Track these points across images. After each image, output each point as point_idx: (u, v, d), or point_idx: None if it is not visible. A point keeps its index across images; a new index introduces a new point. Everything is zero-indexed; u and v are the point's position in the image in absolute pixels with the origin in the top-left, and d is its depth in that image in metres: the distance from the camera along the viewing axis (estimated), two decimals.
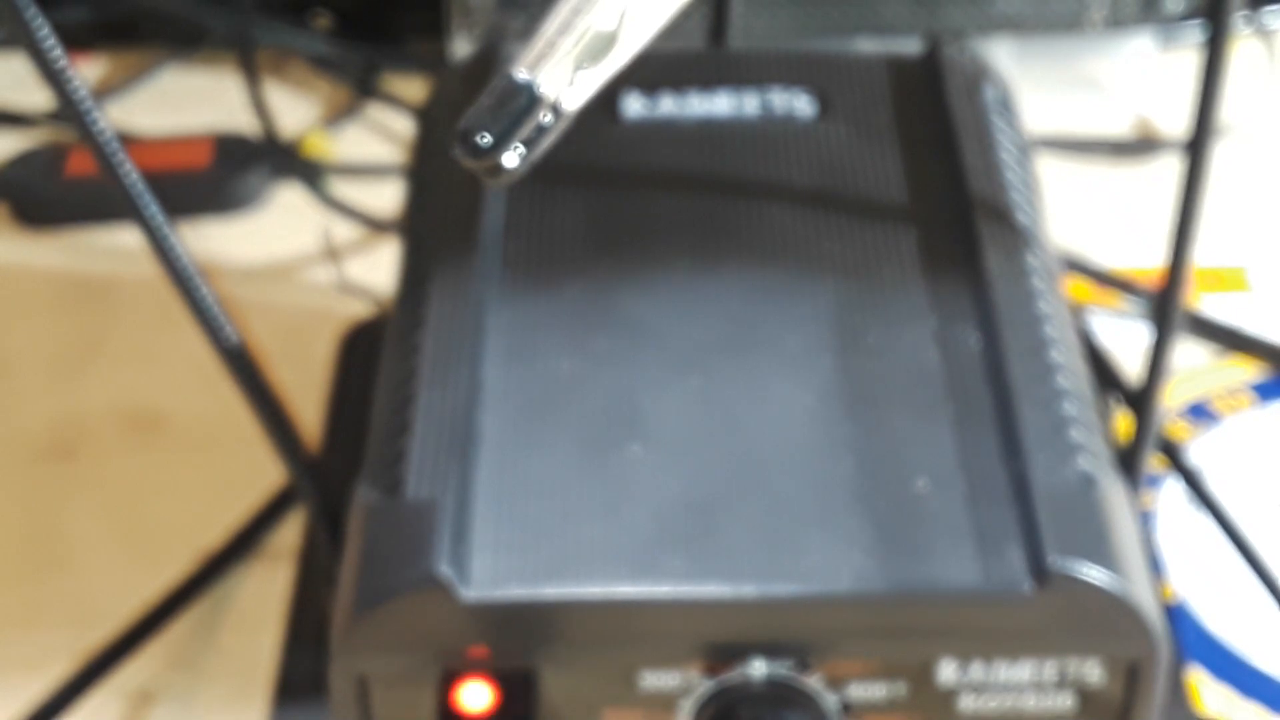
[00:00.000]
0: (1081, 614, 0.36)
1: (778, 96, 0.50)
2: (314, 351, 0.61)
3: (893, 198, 0.46)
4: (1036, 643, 0.37)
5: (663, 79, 0.50)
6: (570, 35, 0.31)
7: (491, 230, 0.45)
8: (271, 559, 0.55)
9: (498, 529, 0.37)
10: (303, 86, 0.76)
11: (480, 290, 0.43)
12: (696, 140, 0.49)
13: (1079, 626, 0.36)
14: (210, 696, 0.51)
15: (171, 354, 0.62)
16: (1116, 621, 0.36)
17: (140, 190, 0.39)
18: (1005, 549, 0.36)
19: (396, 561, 0.37)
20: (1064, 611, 0.36)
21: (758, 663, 0.37)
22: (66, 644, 0.51)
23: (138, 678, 0.51)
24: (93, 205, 0.68)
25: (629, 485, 0.38)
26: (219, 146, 0.70)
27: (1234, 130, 0.68)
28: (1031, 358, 0.41)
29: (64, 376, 0.63)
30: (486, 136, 0.31)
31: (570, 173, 0.47)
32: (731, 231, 0.46)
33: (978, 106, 0.50)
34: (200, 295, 0.41)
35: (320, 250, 0.67)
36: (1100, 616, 0.36)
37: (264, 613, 0.53)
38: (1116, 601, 0.36)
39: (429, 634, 0.36)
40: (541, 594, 0.36)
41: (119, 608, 0.52)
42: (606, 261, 0.45)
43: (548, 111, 0.31)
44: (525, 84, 0.31)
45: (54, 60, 0.37)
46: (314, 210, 0.69)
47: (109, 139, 0.38)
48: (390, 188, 0.66)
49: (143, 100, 0.75)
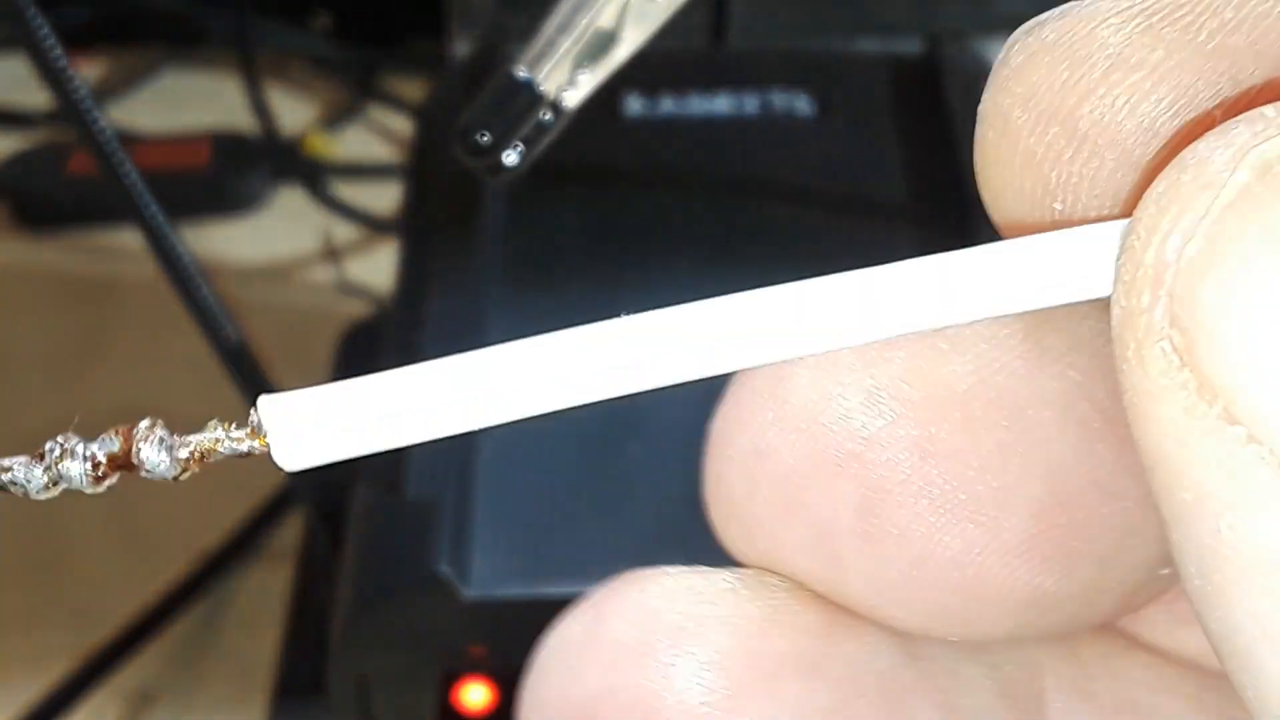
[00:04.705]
0: None
1: (777, 96, 0.50)
2: (314, 351, 0.61)
3: (892, 197, 0.46)
4: None
5: (663, 79, 0.50)
6: (570, 34, 0.31)
7: (491, 230, 0.45)
8: (271, 559, 0.55)
9: (498, 529, 0.37)
10: (303, 86, 0.76)
11: (480, 290, 0.43)
12: (697, 140, 0.49)
13: None
14: (210, 696, 0.51)
15: (171, 354, 0.62)
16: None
17: (140, 190, 0.39)
18: None
19: (397, 561, 0.37)
20: None
21: None
22: (66, 644, 0.51)
23: (138, 678, 0.51)
24: (93, 205, 0.68)
25: (629, 485, 0.38)
26: (219, 146, 0.70)
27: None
28: None
29: (64, 376, 0.63)
30: (486, 135, 0.31)
31: (571, 172, 0.47)
32: (731, 231, 0.46)
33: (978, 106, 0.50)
34: (200, 295, 0.41)
35: (320, 250, 0.67)
36: None
37: (264, 613, 0.53)
38: None
39: (429, 633, 0.36)
40: (541, 593, 0.36)
41: (119, 608, 0.52)
42: (606, 261, 0.45)
43: (547, 109, 0.31)
44: (525, 82, 0.31)
45: (54, 60, 0.37)
46: (314, 210, 0.69)
47: (109, 139, 0.38)
48: (390, 188, 0.66)
49: (143, 100, 0.75)
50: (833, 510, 0.13)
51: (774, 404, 0.13)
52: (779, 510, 0.13)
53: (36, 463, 0.13)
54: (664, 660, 0.13)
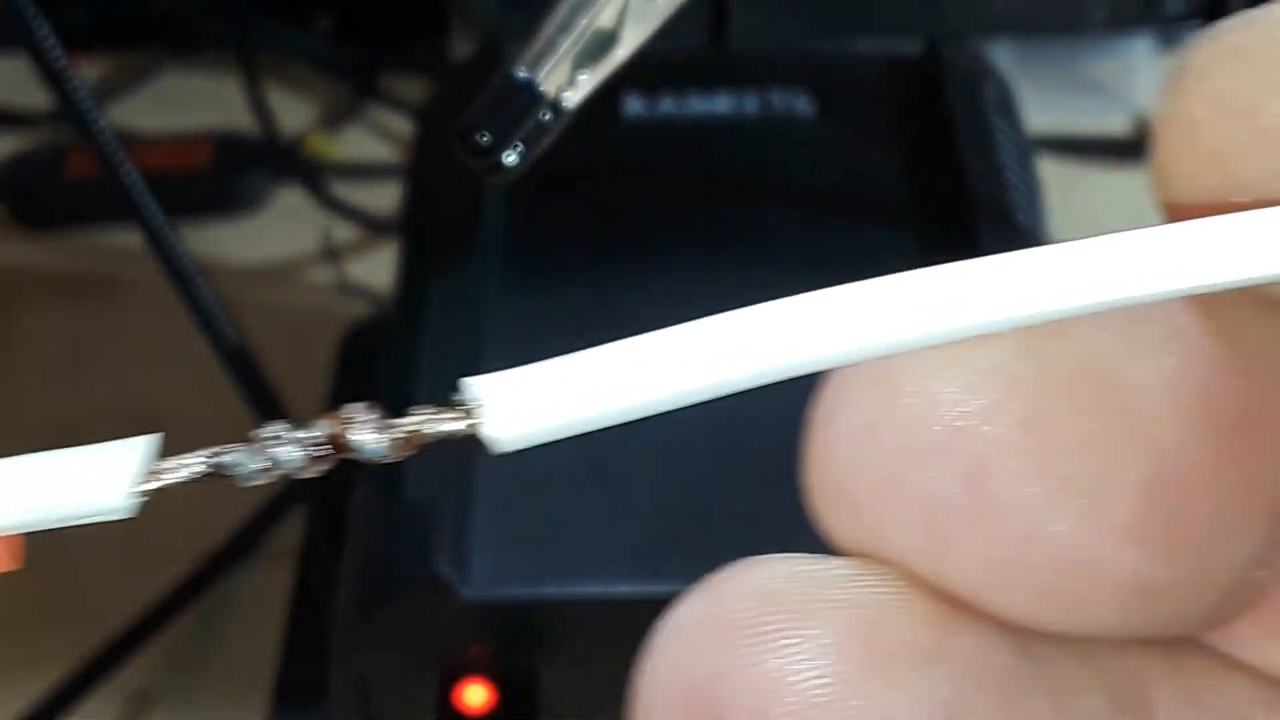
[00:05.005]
0: None
1: (777, 96, 0.50)
2: (314, 351, 0.61)
3: (893, 198, 0.46)
4: None
5: (663, 79, 0.50)
6: (570, 33, 0.31)
7: (491, 230, 0.45)
8: (271, 559, 0.55)
9: (498, 529, 0.37)
10: (303, 87, 0.76)
11: (480, 290, 0.43)
12: (696, 140, 0.49)
13: None
14: (210, 696, 0.51)
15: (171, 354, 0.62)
16: None
17: (140, 190, 0.39)
18: None
19: (397, 561, 0.37)
20: None
21: None
22: (66, 644, 0.51)
23: (138, 678, 0.51)
24: (93, 205, 0.68)
25: (629, 485, 0.38)
26: (219, 147, 0.70)
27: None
28: None
29: (64, 376, 0.63)
30: (486, 135, 0.31)
31: (570, 173, 0.47)
32: (731, 231, 0.46)
33: (978, 106, 0.50)
34: (200, 295, 0.41)
35: (320, 251, 0.67)
36: None
37: (264, 613, 0.53)
38: None
39: (429, 633, 0.36)
40: (541, 593, 0.36)
41: (119, 608, 0.52)
42: (606, 261, 0.45)
43: (547, 109, 0.31)
44: (525, 82, 0.31)
45: (54, 60, 0.37)
46: (314, 210, 0.69)
47: (109, 139, 0.38)
48: (390, 188, 0.66)
49: (143, 101, 0.75)
50: (941, 485, 0.13)
51: (882, 381, 0.13)
52: (886, 487, 0.13)
53: (251, 448, 0.14)
54: (785, 642, 0.13)
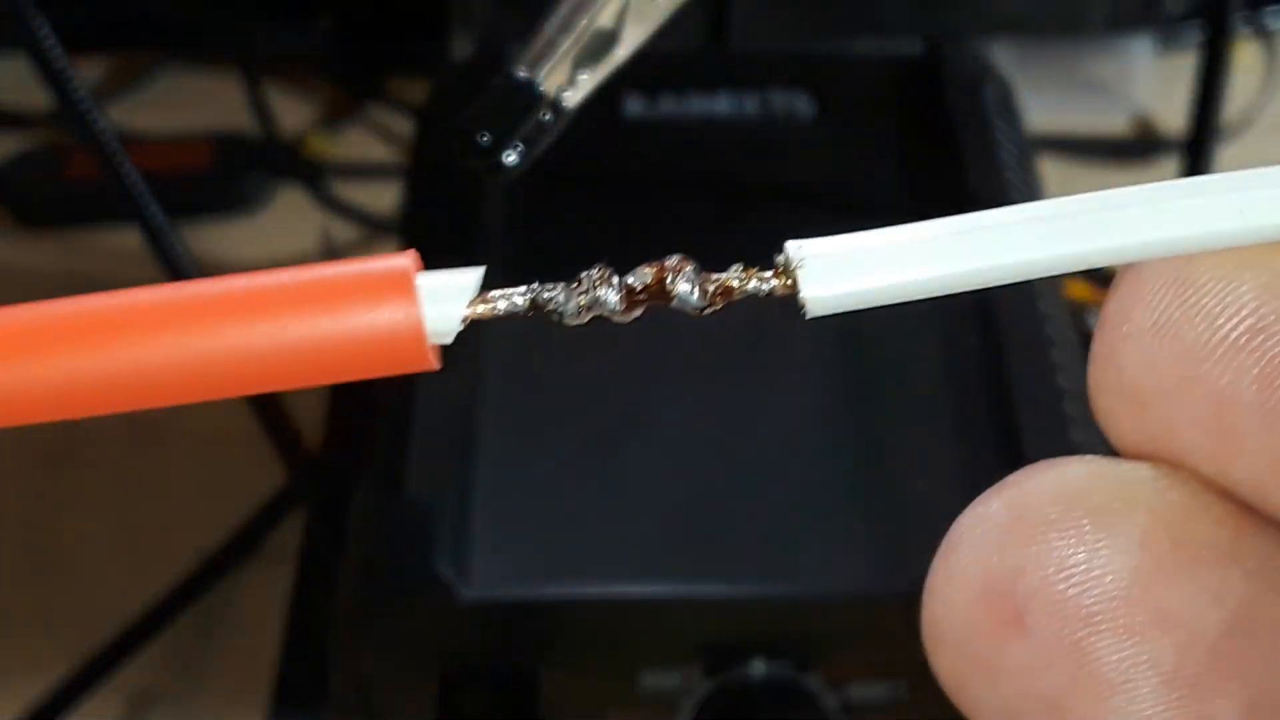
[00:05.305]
0: None
1: (777, 96, 0.50)
2: None
3: (892, 198, 0.46)
4: None
5: (663, 79, 0.50)
6: (570, 33, 0.31)
7: (491, 230, 0.45)
8: (271, 559, 0.55)
9: (498, 529, 0.37)
10: (303, 87, 0.76)
11: None
12: (696, 140, 0.49)
13: None
14: (210, 697, 0.51)
15: None
16: None
17: (140, 191, 0.39)
18: None
19: (397, 561, 0.37)
20: None
21: (758, 663, 0.37)
22: (66, 644, 0.51)
23: (138, 678, 0.51)
24: (93, 205, 0.68)
25: (629, 485, 0.38)
26: (219, 147, 0.70)
27: (1234, 130, 0.68)
28: (1031, 358, 0.41)
29: None
30: (486, 135, 0.31)
31: (571, 173, 0.47)
32: (731, 231, 0.46)
33: (978, 106, 0.50)
34: None
35: (320, 251, 0.67)
36: None
37: (264, 613, 0.53)
38: None
39: (429, 633, 0.36)
40: (542, 594, 0.36)
41: (119, 608, 0.52)
42: (606, 261, 0.45)
43: (547, 109, 0.31)
44: (525, 82, 0.31)
45: (54, 60, 0.37)
46: (314, 210, 0.69)
47: (109, 139, 0.38)
48: (390, 188, 0.66)
49: (143, 101, 0.75)
50: (1233, 384, 0.13)
51: (1176, 282, 0.14)
52: (1176, 385, 0.14)
53: (574, 289, 0.14)
54: (1090, 537, 0.13)
